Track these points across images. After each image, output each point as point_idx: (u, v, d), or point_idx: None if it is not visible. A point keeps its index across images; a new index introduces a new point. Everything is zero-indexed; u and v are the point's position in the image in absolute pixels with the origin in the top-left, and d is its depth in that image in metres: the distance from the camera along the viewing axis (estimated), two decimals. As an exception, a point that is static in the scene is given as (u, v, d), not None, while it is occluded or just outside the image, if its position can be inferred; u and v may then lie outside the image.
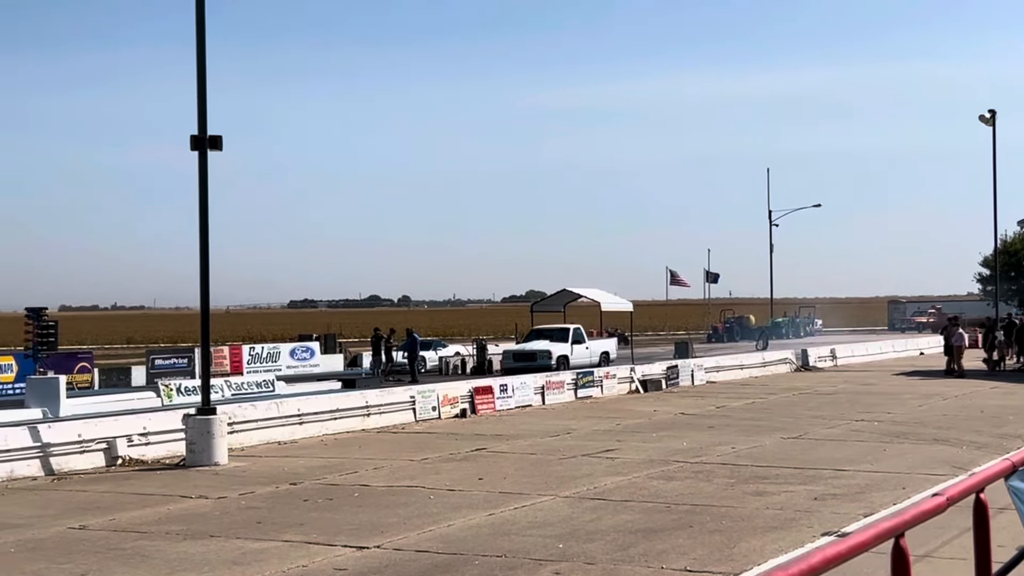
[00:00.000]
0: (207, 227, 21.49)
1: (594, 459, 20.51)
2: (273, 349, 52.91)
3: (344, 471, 19.52)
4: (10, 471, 19.20)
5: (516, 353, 45.44)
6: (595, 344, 48.23)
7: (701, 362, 42.52)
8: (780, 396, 34.43)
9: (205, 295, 21.67)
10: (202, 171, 21.40)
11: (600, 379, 35.57)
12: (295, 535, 13.88)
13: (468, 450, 22.24)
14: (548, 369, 40.04)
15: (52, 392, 29.62)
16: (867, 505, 15.16)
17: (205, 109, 21.38)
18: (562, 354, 44.69)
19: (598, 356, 46.86)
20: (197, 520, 15.15)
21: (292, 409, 25.18)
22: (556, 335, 46.39)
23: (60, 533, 14.42)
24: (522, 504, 15.78)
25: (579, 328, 47.18)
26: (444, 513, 15.16)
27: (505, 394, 31.09)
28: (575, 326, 47.11)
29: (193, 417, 20.97)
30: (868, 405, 30.57)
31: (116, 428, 21.36)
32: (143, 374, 43.82)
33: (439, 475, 18.85)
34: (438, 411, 28.57)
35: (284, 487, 17.90)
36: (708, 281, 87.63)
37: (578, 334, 46.56)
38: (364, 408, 26.88)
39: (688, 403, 32.27)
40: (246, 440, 23.29)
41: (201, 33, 21.28)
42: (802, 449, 21.62)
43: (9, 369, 39.33)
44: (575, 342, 45.91)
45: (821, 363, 49.32)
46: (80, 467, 20.22)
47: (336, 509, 15.71)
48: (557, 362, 43.58)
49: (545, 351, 44.40)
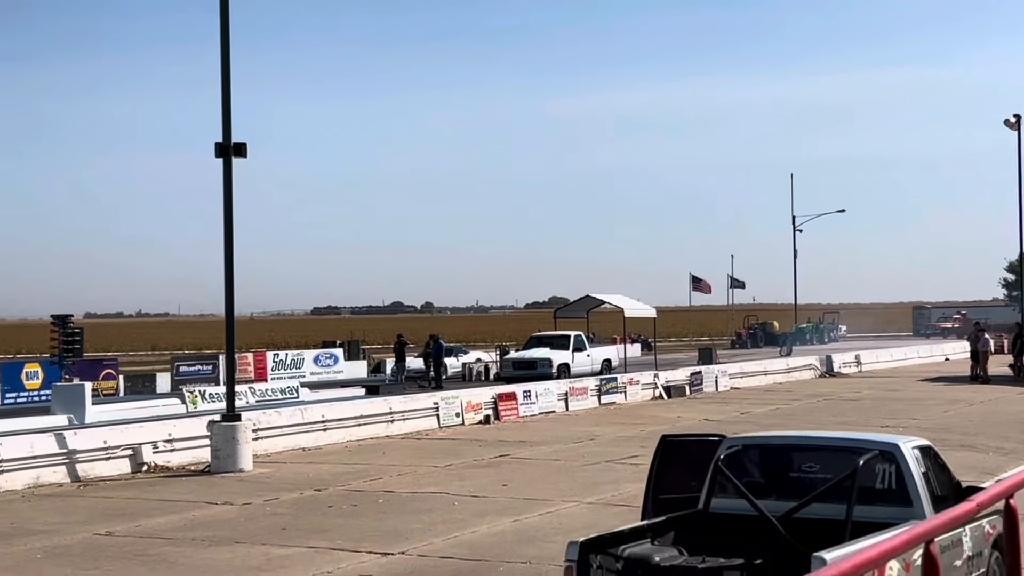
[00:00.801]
0: (231, 234, 21.56)
1: (618, 465, 20.48)
2: (297, 356, 52.98)
3: (368, 477, 19.55)
4: (37, 477, 19.29)
5: (516, 361, 44.36)
6: (596, 351, 47.25)
7: (725, 368, 42.41)
8: (804, 402, 34.31)
9: (230, 302, 21.74)
10: (226, 178, 21.47)
11: (624, 385, 35.51)
12: (320, 541, 13.90)
13: (492, 456, 22.23)
14: (548, 377, 38.97)
15: (78, 399, 29.73)
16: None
17: (229, 117, 21.46)
18: (563, 362, 43.62)
19: (600, 364, 45.92)
20: (222, 526, 15.20)
21: (316, 415, 25.23)
22: (557, 342, 45.28)
23: (86, 539, 14.49)
24: (547, 510, 15.77)
25: (580, 335, 46.19)
26: (469, 519, 15.16)
27: (528, 400, 31.07)
28: (576, 333, 46.16)
29: (218, 423, 21.03)
30: (893, 411, 30.42)
31: (141, 435, 21.44)
32: (168, 381, 43.95)
33: (463, 481, 18.85)
34: (462, 417, 28.57)
35: (309, 493, 17.94)
36: (732, 287, 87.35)
37: (579, 341, 45.54)
38: (388, 414, 26.91)
39: (712, 409, 32.19)
40: (271, 446, 23.34)
41: (225, 42, 21.36)
42: (827, 455, 21.50)
43: (35, 376, 39.53)
44: (576, 349, 44.83)
45: (846, 369, 49.13)
46: (106, 473, 20.30)
47: (361, 515, 15.73)
48: (558, 370, 42.50)
49: (545, 359, 43.30)
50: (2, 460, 18.90)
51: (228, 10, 21.36)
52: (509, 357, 46.11)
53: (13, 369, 40.59)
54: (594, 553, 8.95)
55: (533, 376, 39.26)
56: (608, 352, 48.80)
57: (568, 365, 43.51)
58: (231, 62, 21.40)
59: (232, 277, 21.64)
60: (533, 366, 42.63)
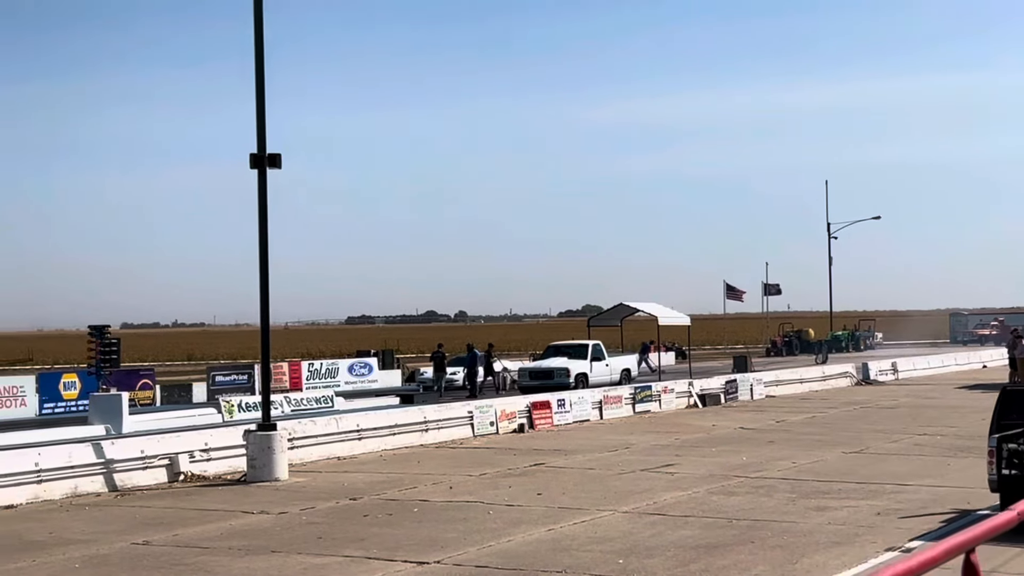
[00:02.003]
0: (266, 244, 21.67)
1: (653, 474, 20.43)
2: (332, 365, 53.07)
3: (403, 486, 19.58)
4: (74, 487, 19.43)
5: (532, 371, 43.52)
6: (615, 361, 46.22)
7: (760, 376, 42.24)
8: (841, 410, 34.13)
9: (265, 312, 21.84)
10: (261, 189, 21.59)
11: (658, 394, 35.43)
12: (356, 550, 13.94)
13: (526, 465, 22.23)
14: (565, 387, 38.34)
15: (115, 409, 29.89)
16: (931, 521, 15.00)
17: (264, 129, 21.59)
18: (580, 372, 42.89)
19: (619, 374, 45.17)
20: (259, 535, 15.26)
21: (351, 425, 25.29)
22: (574, 352, 44.65)
23: (124, 549, 14.58)
24: (581, 519, 15.76)
25: (598, 344, 45.41)
26: (503, 528, 15.16)
27: (563, 409, 31.04)
28: (594, 342, 45.39)
29: (254, 433, 21.13)
30: (930, 419, 30.22)
31: (178, 444, 21.55)
32: (204, 390, 44.08)
33: (498, 490, 18.86)
34: (496, 426, 28.58)
35: (344, 502, 17.99)
36: (767, 293, 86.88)
37: (597, 351, 44.82)
38: (422, 423, 26.96)
39: (747, 417, 32.06)
40: (306, 456, 23.42)
41: (260, 54, 21.49)
42: (864, 464, 21.41)
43: (73, 386, 39.80)
44: (594, 359, 44.17)
45: (882, 376, 48.83)
46: (143, 483, 20.42)
47: (396, 524, 15.76)
48: (576, 380, 41.95)
49: (563, 368, 42.65)
50: (41, 470, 19.05)
51: (262, 22, 21.49)
52: (526, 367, 45.41)
53: (51, 379, 40.89)
54: (1005, 443, 14.37)
55: (550, 386, 38.74)
56: (627, 361, 47.81)
57: (586, 375, 42.95)
58: (265, 74, 21.53)
59: (267, 287, 21.75)
60: (550, 376, 42.08)
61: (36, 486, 18.91)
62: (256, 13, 21.47)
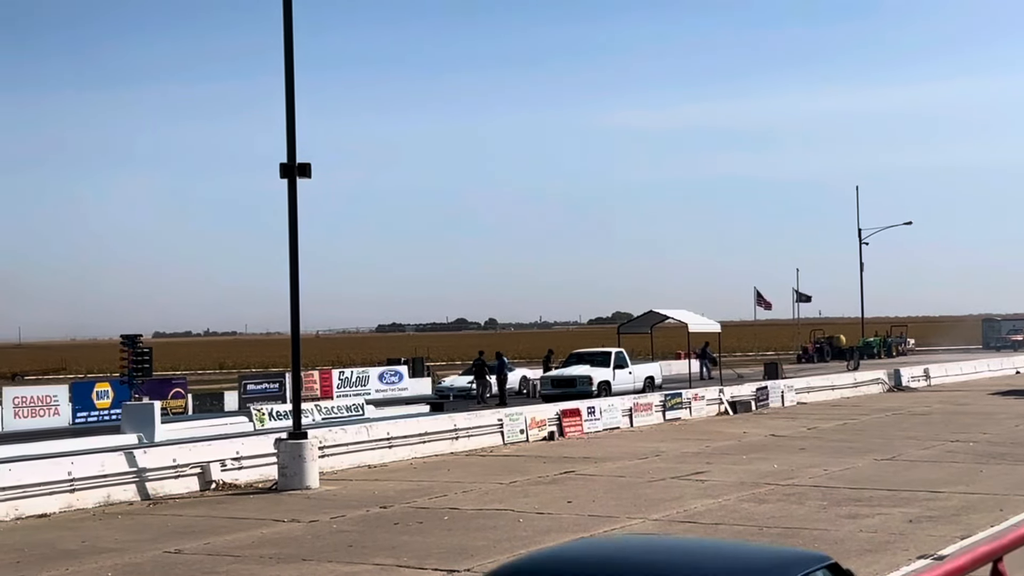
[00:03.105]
0: (297, 253, 21.76)
1: (684, 482, 20.39)
2: (362, 373, 53.18)
3: (434, 494, 19.61)
4: (107, 496, 19.56)
5: (555, 379, 42.96)
6: (639, 368, 45.49)
7: (791, 383, 42.06)
8: (872, 417, 33.95)
9: (295, 320, 21.93)
10: (291, 199, 21.69)
11: (689, 401, 35.35)
12: (386, 558, 13.97)
13: (556, 473, 22.22)
14: (588, 396, 37.86)
15: (147, 418, 30.07)
16: (964, 528, 14.91)
17: (294, 138, 21.69)
18: (603, 380, 42.16)
19: (642, 381, 44.44)
20: (290, 544, 15.32)
21: (381, 433, 25.35)
22: (597, 359, 44.01)
23: (156, 557, 14.66)
24: (612, 527, 15.74)
25: (621, 352, 44.82)
26: (534, 536, 15.16)
27: (593, 416, 31.02)
28: (617, 350, 44.87)
29: (285, 441, 21.21)
30: (963, 425, 30.03)
31: (210, 453, 21.67)
32: (235, 399, 44.27)
33: (528, 498, 18.86)
34: (526, 434, 28.59)
35: (375, 510, 18.03)
36: (797, 301, 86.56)
37: (620, 358, 44.20)
38: (452, 431, 27.00)
39: (778, 424, 31.94)
40: (337, 464, 23.49)
41: (289, 63, 21.58)
42: (896, 471, 21.30)
43: (106, 395, 40.06)
44: (617, 367, 43.54)
45: (914, 383, 48.54)
46: (175, 491, 20.53)
47: (426, 532, 15.79)
48: (598, 388, 41.41)
49: (585, 376, 41.94)
50: (74, 479, 19.19)
51: (292, 32, 21.59)
52: (548, 375, 44.94)
53: (84, 389, 41.20)
54: None
55: (573, 394, 38.43)
56: (651, 369, 46.94)
57: (609, 383, 42.38)
58: (295, 82, 21.62)
59: (298, 295, 21.85)
60: (573, 384, 41.61)
61: (69, 495, 19.05)
62: (286, 27, 21.57)
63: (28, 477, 18.65)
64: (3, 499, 18.11)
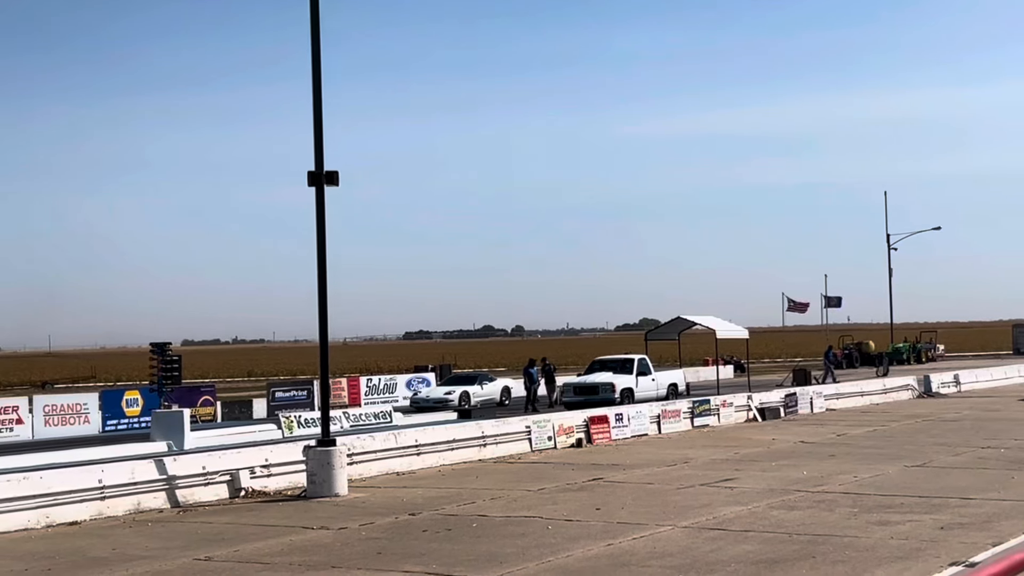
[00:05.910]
0: (324, 261, 21.82)
1: (712, 489, 20.32)
2: (390, 380, 53.36)
3: (462, 501, 19.61)
4: (137, 503, 19.65)
5: (577, 386, 42.67)
6: (662, 375, 45.44)
7: (820, 389, 41.88)
8: (902, 423, 33.76)
9: (323, 328, 21.98)
10: (319, 206, 21.76)
11: (717, 407, 35.24)
12: (415, 566, 13.97)
13: (584, 480, 22.18)
14: (611, 403, 37.76)
15: (177, 425, 30.19)
16: (996, 535, 14.79)
17: (322, 146, 21.76)
18: (626, 387, 42.07)
19: (665, 388, 44.42)
20: (319, 551, 15.34)
21: (410, 440, 25.38)
22: (620, 367, 43.89)
23: (186, 564, 14.71)
24: (640, 534, 15.69)
25: (644, 359, 44.69)
26: (562, 544, 15.14)
27: (620, 423, 30.96)
28: (640, 357, 44.74)
29: (313, 449, 21.25)
30: (994, 432, 29.82)
31: (239, 460, 21.72)
32: (264, 407, 44.47)
33: (556, 505, 18.83)
34: (554, 441, 28.56)
35: (403, 518, 18.04)
36: (828, 306, 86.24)
37: (643, 365, 44.08)
38: (480, 438, 26.99)
39: (807, 431, 31.80)
40: (365, 471, 23.52)
41: (317, 70, 21.65)
42: (926, 477, 21.17)
43: (135, 403, 40.33)
44: (640, 374, 43.39)
45: (944, 389, 48.25)
46: (204, 499, 20.60)
47: (455, 540, 15.78)
48: (621, 395, 41.22)
49: (608, 384, 41.83)
50: (104, 487, 19.28)
51: (319, 41, 21.65)
52: (570, 382, 44.55)
53: (114, 397, 41.47)
54: None
55: (595, 402, 38.25)
56: (674, 376, 46.83)
57: (632, 390, 42.15)
58: (322, 91, 21.69)
59: (326, 303, 21.90)
60: (595, 391, 41.41)
61: (100, 503, 19.13)
62: (313, 37, 21.64)
63: (59, 485, 18.73)
64: (34, 507, 18.20)
